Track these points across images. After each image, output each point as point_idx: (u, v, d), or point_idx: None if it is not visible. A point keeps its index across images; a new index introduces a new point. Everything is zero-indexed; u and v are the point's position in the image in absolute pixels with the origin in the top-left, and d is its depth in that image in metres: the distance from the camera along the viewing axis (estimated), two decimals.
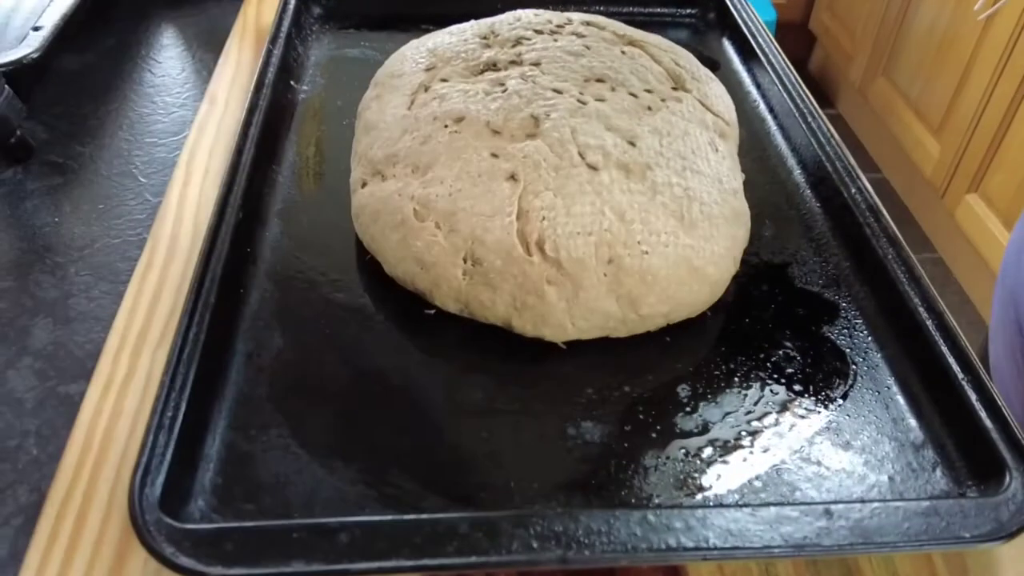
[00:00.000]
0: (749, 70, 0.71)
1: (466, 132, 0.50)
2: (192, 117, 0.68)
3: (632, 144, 0.49)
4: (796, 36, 2.40)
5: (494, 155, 0.48)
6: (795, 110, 0.63)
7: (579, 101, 0.51)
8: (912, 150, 1.87)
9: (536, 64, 0.54)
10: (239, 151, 0.55)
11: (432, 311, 0.49)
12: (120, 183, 0.63)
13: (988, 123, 1.58)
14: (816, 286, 0.52)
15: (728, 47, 0.75)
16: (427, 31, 0.74)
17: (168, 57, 0.78)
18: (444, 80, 0.54)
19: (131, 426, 0.44)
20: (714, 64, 0.73)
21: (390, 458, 0.42)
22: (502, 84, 0.52)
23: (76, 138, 0.67)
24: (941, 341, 0.46)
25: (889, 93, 1.98)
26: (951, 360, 0.45)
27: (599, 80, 0.53)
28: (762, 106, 0.68)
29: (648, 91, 0.53)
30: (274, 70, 0.63)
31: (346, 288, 0.51)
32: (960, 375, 0.44)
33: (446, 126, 0.50)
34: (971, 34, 1.61)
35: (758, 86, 0.69)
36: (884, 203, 0.54)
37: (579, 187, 0.47)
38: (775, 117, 0.66)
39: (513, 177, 0.47)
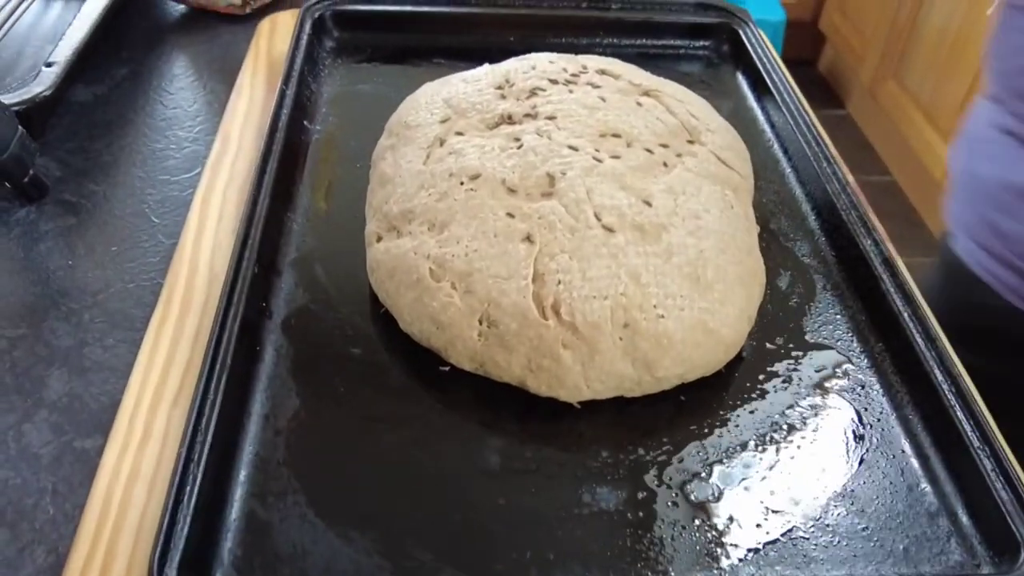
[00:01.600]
0: (763, 108, 0.71)
1: (482, 190, 0.50)
2: (204, 153, 0.68)
3: (647, 204, 0.49)
4: (805, 36, 2.39)
5: (510, 215, 0.48)
6: (810, 153, 0.63)
7: (595, 158, 0.51)
8: (922, 153, 1.86)
9: (551, 118, 0.53)
10: (254, 201, 0.55)
11: (447, 368, 0.49)
12: (134, 223, 0.63)
13: None
14: (831, 340, 0.52)
15: (742, 82, 0.75)
16: (439, 65, 0.74)
17: (179, 88, 0.78)
18: (459, 133, 0.54)
19: (148, 490, 0.44)
20: (727, 100, 0.73)
21: (406, 527, 0.42)
22: (518, 139, 0.52)
23: (89, 175, 0.67)
24: (957, 406, 0.46)
25: (899, 95, 1.97)
26: (967, 427, 0.45)
27: (615, 135, 0.53)
28: (776, 146, 0.67)
29: (663, 146, 0.53)
30: (288, 111, 0.63)
31: (361, 342, 0.51)
32: (976, 443, 0.44)
33: (462, 183, 0.50)
34: (984, 37, 1.59)
35: (772, 125, 0.69)
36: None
37: (594, 249, 0.47)
38: (789, 159, 0.66)
39: (529, 238, 0.47)
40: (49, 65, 0.70)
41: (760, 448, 0.46)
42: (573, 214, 0.48)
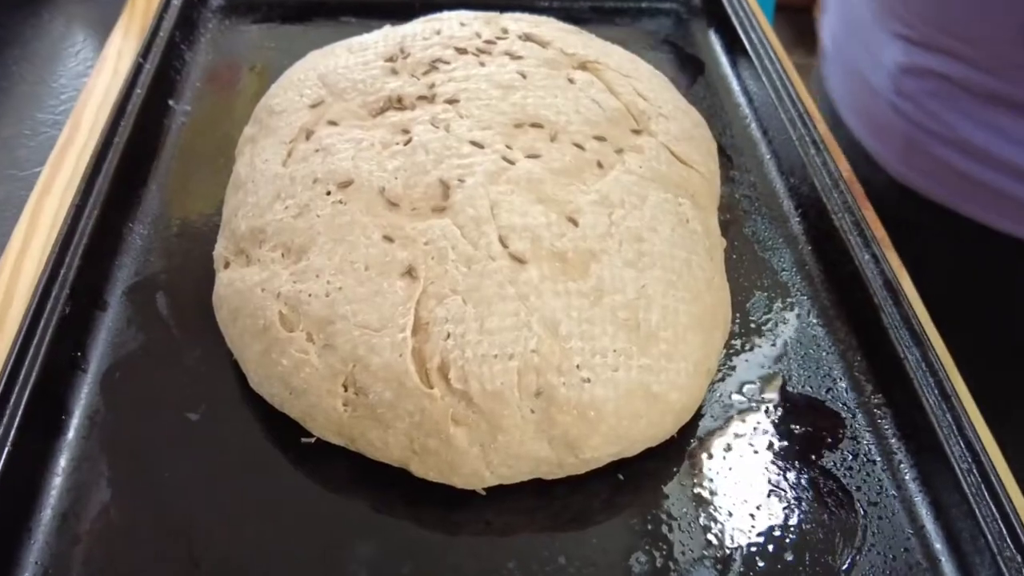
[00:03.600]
0: (739, 75, 0.58)
1: (353, 203, 0.37)
2: None
3: (572, 222, 0.37)
4: None
5: (387, 238, 0.36)
6: (794, 136, 0.50)
7: (505, 159, 0.38)
8: None
9: (453, 101, 0.41)
10: (78, 211, 0.43)
11: (311, 439, 0.37)
12: None
13: None
14: (816, 389, 0.41)
15: (715, 42, 0.62)
16: (347, 24, 0.62)
17: (47, 58, 0.65)
18: (333, 123, 0.41)
19: None
20: (699, 64, 0.60)
21: None
22: (406, 131, 0.40)
23: None
24: (981, 497, 0.34)
25: None
26: (990, 525, 0.33)
27: (534, 125, 0.40)
28: (754, 125, 0.55)
29: (599, 139, 0.40)
30: (144, 90, 0.51)
31: (204, 403, 0.39)
32: (1007, 552, 0.33)
33: (328, 193, 0.38)
34: None
35: (750, 98, 0.56)
36: None
37: (498, 289, 0.35)
38: (769, 142, 0.53)
39: (411, 272, 0.35)
40: None
41: (722, 552, 0.35)
42: (471, 238, 0.36)
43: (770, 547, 0.35)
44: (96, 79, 0.58)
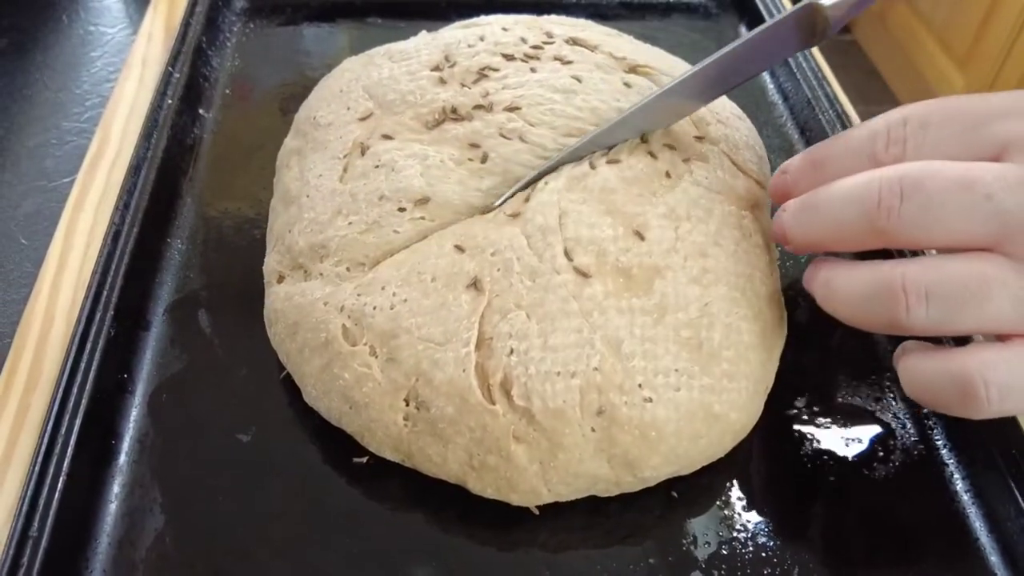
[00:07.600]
0: (773, 73, 0.58)
1: (438, 220, 0.38)
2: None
3: (639, 236, 0.36)
4: None
5: (459, 248, 0.36)
6: None
7: (590, 163, 0.38)
8: (935, 83, 1.72)
9: (514, 108, 0.40)
10: (116, 234, 0.42)
11: (364, 459, 0.37)
12: None
13: (1020, 56, 1.42)
14: (866, 399, 0.40)
15: None
16: (373, 26, 0.61)
17: (69, 63, 0.64)
18: (387, 137, 0.41)
19: None
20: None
21: None
22: (475, 146, 0.39)
23: None
24: None
25: (911, 19, 1.82)
26: None
27: None
28: (790, 125, 0.54)
29: (670, 147, 0.40)
30: (175, 101, 0.50)
31: (255, 423, 0.38)
32: None
33: (402, 209, 0.38)
34: None
35: (785, 97, 0.56)
36: None
37: (562, 304, 0.34)
38: (807, 143, 0.52)
39: (476, 285, 0.35)
40: None
41: (782, 565, 0.35)
42: (536, 250, 0.35)
43: (829, 565, 0.35)
44: (122, 88, 0.57)
